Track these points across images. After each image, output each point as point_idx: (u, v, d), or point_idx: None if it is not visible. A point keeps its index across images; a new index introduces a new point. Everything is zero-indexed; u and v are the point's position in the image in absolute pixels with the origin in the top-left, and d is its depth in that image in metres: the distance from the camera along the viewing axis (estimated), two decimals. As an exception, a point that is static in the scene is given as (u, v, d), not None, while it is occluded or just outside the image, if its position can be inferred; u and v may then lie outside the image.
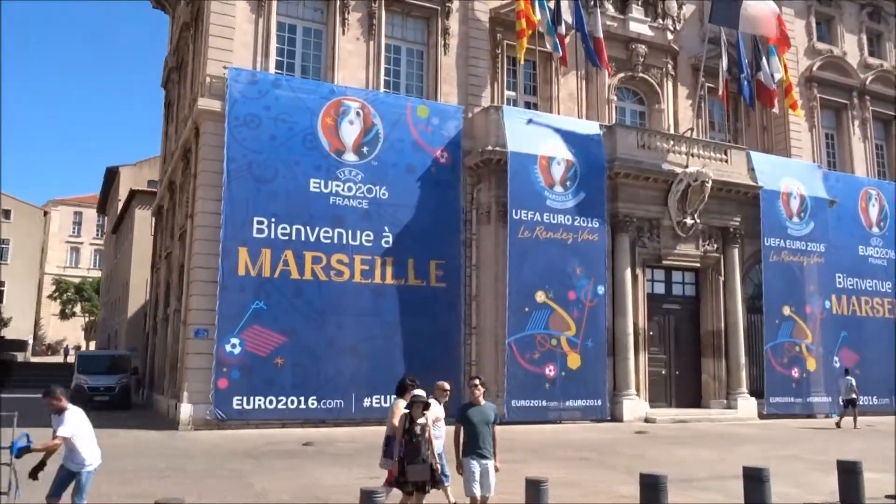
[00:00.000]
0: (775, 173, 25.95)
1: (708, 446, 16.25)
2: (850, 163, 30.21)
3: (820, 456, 14.45)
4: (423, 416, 8.10)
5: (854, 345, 27.68)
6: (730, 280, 24.73)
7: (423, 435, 7.93)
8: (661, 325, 24.21)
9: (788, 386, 24.85)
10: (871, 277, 28.73)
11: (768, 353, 24.66)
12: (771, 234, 25.30)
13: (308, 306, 19.41)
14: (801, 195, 26.14)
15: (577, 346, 21.47)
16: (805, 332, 25.54)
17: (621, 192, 23.10)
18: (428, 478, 7.96)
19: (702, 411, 23.30)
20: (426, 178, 21.35)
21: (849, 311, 27.92)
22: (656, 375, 23.77)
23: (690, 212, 23.71)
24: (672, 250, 23.90)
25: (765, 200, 25.25)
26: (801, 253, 25.89)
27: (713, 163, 24.68)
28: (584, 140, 22.66)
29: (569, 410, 21.22)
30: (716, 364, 24.29)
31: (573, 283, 21.70)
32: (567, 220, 21.83)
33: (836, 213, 27.99)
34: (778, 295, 25.18)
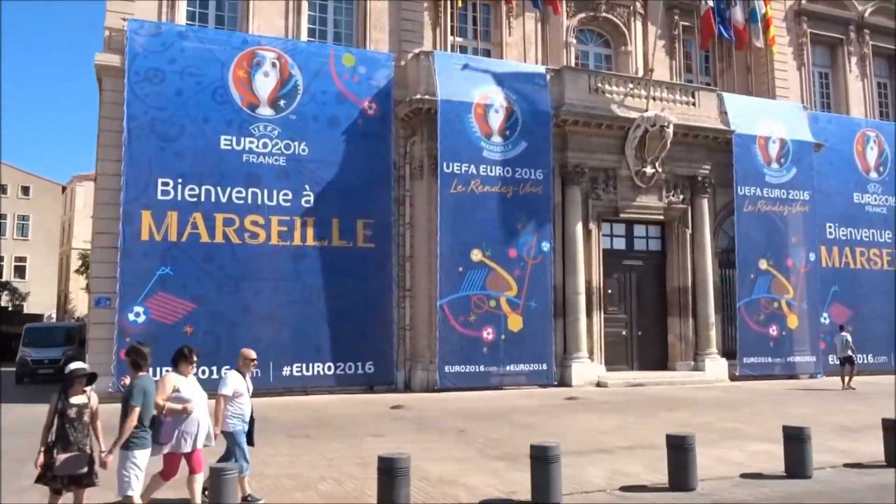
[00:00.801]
0: (752, 116, 23.79)
1: (634, 413, 14.72)
2: (845, 103, 27.70)
3: (755, 422, 12.83)
4: (82, 395, 6.78)
5: (847, 299, 25.57)
6: (698, 233, 22.85)
7: (79, 418, 6.62)
8: (622, 282, 22.54)
9: (765, 345, 22.99)
10: (868, 227, 26.44)
11: (742, 311, 22.81)
12: (745, 183, 23.26)
13: (220, 271, 18.34)
14: (781, 139, 23.94)
15: (518, 307, 20.00)
16: (785, 287, 23.56)
17: (571, 140, 21.35)
18: (84, 470, 6.61)
19: (664, 374, 21.69)
20: (352, 131, 19.95)
21: (841, 264, 25.75)
22: (615, 337, 22.18)
23: (650, 160, 21.83)
24: (631, 202, 22.11)
25: (738, 146, 23.18)
26: (781, 202, 23.79)
27: (678, 106, 22.68)
28: (528, 85, 20.91)
29: (512, 376, 19.85)
30: (682, 323, 22.57)
31: (514, 240, 20.16)
32: (507, 172, 20.23)
33: (826, 157, 25.71)
34: (754, 247, 23.21)
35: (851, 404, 16.49)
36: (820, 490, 8.13)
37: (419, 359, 19.77)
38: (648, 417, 13.83)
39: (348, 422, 13.19)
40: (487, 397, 17.77)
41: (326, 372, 18.97)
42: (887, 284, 26.41)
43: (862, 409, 15.37)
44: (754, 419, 13.41)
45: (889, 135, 27.22)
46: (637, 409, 15.22)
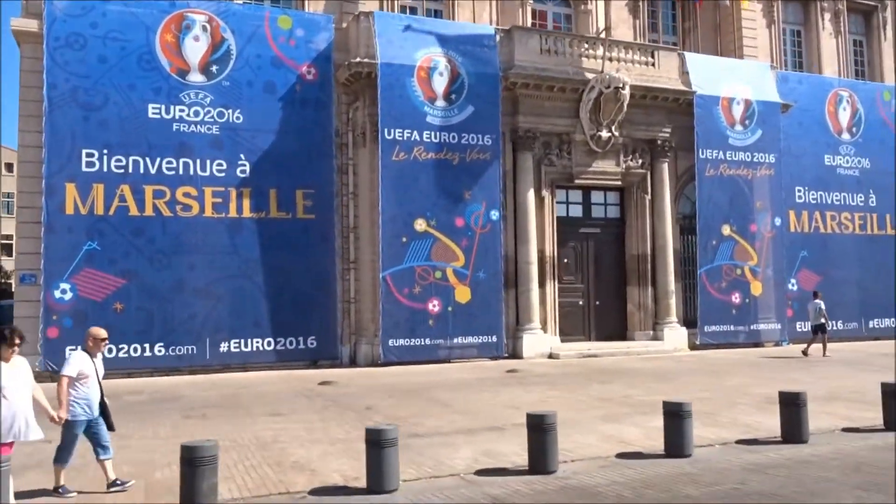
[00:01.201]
0: (715, 77, 22.88)
1: (565, 386, 14.10)
2: (818, 62, 26.74)
3: (683, 394, 12.17)
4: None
5: (816, 265, 24.89)
6: (658, 198, 22.09)
7: None
8: (579, 251, 21.84)
9: (727, 313, 22.37)
10: (840, 190, 25.66)
11: (703, 278, 22.15)
12: (707, 146, 22.45)
13: (151, 245, 17.67)
14: (746, 100, 23.06)
15: (466, 278, 19.35)
16: (749, 254, 22.86)
17: (522, 104, 20.51)
18: None
19: (621, 344, 21.07)
20: (290, 97, 19.14)
21: (810, 229, 25.02)
22: (572, 307, 21.55)
23: (606, 124, 21.00)
24: (587, 168, 21.32)
25: (700, 107, 22.32)
26: (745, 165, 22.99)
27: (636, 67, 21.79)
28: (475, 47, 20.02)
29: (461, 348, 19.27)
30: (641, 292, 21.91)
31: (461, 208, 19.44)
32: (452, 137, 19.43)
33: (796, 118, 24.86)
34: (716, 213, 22.48)
35: (798, 373, 15.90)
36: (689, 472, 7.51)
37: (364, 333, 19.18)
38: (575, 391, 13.23)
39: (258, 400, 12.61)
40: (429, 371, 17.20)
41: (266, 347, 18.38)
42: (859, 249, 25.72)
43: (805, 378, 14.76)
44: (684, 390, 12.80)
45: (864, 95, 26.32)
46: (571, 382, 14.63)
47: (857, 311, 25.33)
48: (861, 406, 10.93)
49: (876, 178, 26.25)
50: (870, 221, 26.01)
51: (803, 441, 8.54)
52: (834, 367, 17.13)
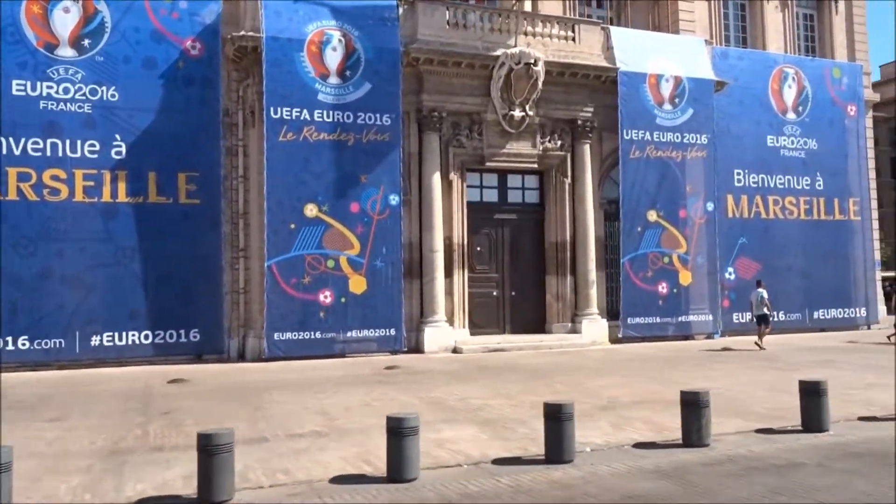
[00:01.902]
0: (643, 52, 21.57)
1: (418, 387, 12.89)
2: (762, 37, 25.33)
3: (558, 394, 11.05)
4: None
5: (756, 253, 23.65)
6: (579, 182, 20.85)
7: None
8: (493, 238, 20.64)
9: (653, 304, 21.18)
10: (784, 173, 24.37)
11: (626, 267, 20.94)
12: (633, 126, 21.17)
13: (14, 231, 16.56)
14: (676, 77, 21.73)
15: (362, 267, 18.19)
16: (677, 241, 21.64)
17: (427, 81, 19.27)
18: None
19: (535, 338, 19.91)
20: (172, 74, 17.94)
21: (750, 214, 23.77)
22: (485, 297, 20.39)
23: (520, 102, 19.73)
24: (500, 150, 20.08)
25: (624, 85, 21.02)
26: (675, 146, 21.70)
27: (554, 42, 20.50)
28: (375, 20, 18.72)
29: (358, 342, 18.14)
30: (560, 282, 20.73)
31: (357, 193, 18.26)
32: (347, 117, 18.21)
33: (736, 97, 23.57)
34: (641, 197, 21.23)
35: (699, 370, 14.71)
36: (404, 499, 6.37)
37: (253, 325, 18.07)
38: (425, 391, 12.08)
39: (65, 401, 11.50)
40: (307, 368, 16.05)
41: (144, 341, 17.30)
42: (804, 236, 24.46)
43: (696, 374, 13.60)
44: (537, 391, 11.63)
45: (811, 72, 24.98)
46: (436, 381, 13.47)
47: (801, 301, 24.12)
48: (668, 414, 9.62)
49: (824, 160, 24.95)
50: (816, 206, 24.72)
51: (566, 461, 7.36)
52: (750, 364, 15.93)
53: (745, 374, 14.18)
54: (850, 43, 26.39)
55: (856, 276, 25.24)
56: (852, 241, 25.27)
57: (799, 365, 15.32)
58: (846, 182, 25.33)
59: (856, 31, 26.42)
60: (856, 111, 25.59)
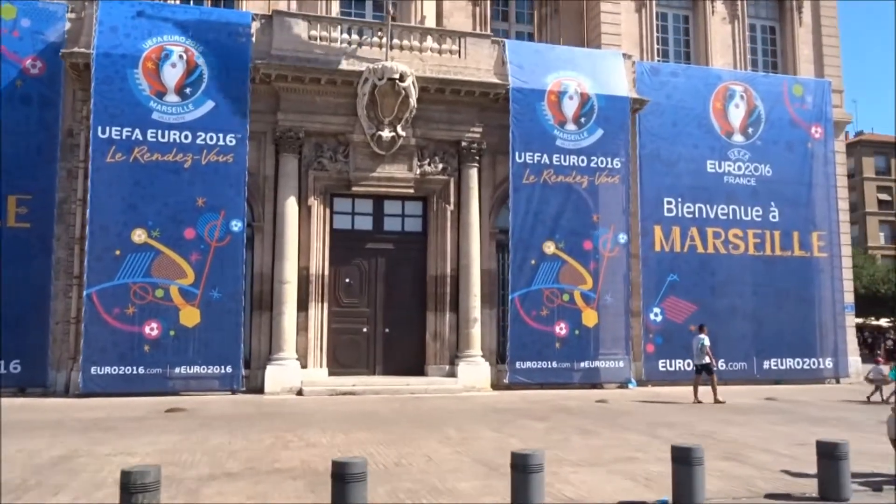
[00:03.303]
0: (544, 67, 19.56)
1: (138, 435, 11.29)
2: (705, 52, 22.73)
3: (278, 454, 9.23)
4: None
5: (689, 292, 20.86)
6: (464, 209, 18.88)
7: None
8: (366, 270, 18.83)
9: (548, 346, 18.81)
10: (727, 202, 21.55)
11: (516, 304, 18.70)
12: (528, 148, 19.10)
13: None
14: (582, 94, 19.55)
15: (195, 297, 16.78)
16: (581, 276, 19.24)
17: (285, 100, 17.90)
18: None
19: (401, 380, 17.84)
20: (9, 94, 17.20)
21: (684, 248, 21.03)
22: (353, 334, 18.55)
23: (389, 122, 18.05)
24: (369, 173, 18.40)
25: (518, 102, 19.04)
26: (579, 171, 19.44)
27: (434, 56, 18.79)
28: (225, 34, 17.57)
29: (192, 379, 16.66)
30: (438, 319, 18.68)
31: (193, 218, 16.93)
32: (185, 137, 17.01)
33: (669, 117, 21.14)
34: (536, 227, 19.04)
35: (496, 430, 12.41)
36: None
37: (80, 358, 16.84)
38: (130, 441, 10.41)
39: None
40: (118, 405, 14.65)
41: (-40, 372, 16.34)
42: (754, 273, 21.48)
43: (509, 433, 11.35)
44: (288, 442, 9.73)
45: (765, 89, 22.20)
46: (200, 427, 11.78)
47: (746, 348, 21.07)
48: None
49: (781, 188, 21.97)
50: (769, 240, 21.70)
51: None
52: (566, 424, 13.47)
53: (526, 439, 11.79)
54: (819, 57, 23.40)
55: (821, 322, 21.94)
56: (816, 281, 22.03)
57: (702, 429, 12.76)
58: (809, 213, 22.21)
59: (825, 43, 23.42)
60: (822, 133, 22.52)
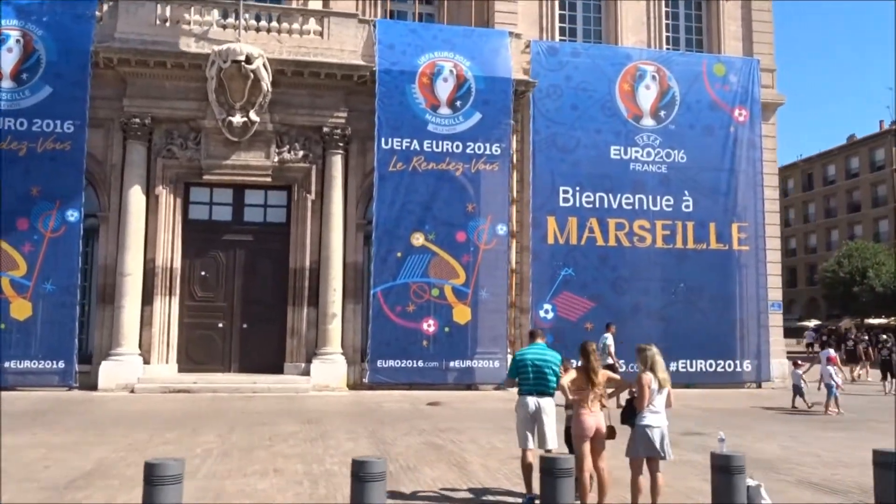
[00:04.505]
0: (417, 48, 18.38)
1: None
2: (615, 30, 21.10)
3: None
4: None
5: (586, 287, 19.37)
6: (326, 199, 17.87)
7: None
8: (223, 262, 17.99)
9: (415, 345, 17.64)
10: (633, 191, 19.94)
11: (379, 299, 17.59)
12: (396, 133, 17.97)
13: None
14: (458, 76, 18.31)
15: (27, 290, 16.23)
16: (453, 270, 18.05)
17: (132, 85, 17.23)
18: None
19: (247, 378, 16.91)
20: None
21: (581, 240, 19.52)
22: (208, 330, 17.73)
23: (241, 106, 17.18)
24: (222, 161, 17.57)
25: (385, 85, 17.93)
26: (454, 158, 18.20)
27: (295, 37, 17.82)
28: (65, 17, 16.97)
29: (27, 374, 16.11)
30: (296, 315, 17.71)
31: (27, 208, 16.38)
32: (20, 124, 16.50)
33: (567, 100, 19.70)
34: (404, 217, 17.89)
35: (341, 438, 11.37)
36: None
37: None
38: None
39: None
40: None
41: None
42: (663, 268, 19.84)
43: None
44: None
45: (681, 69, 20.52)
46: None
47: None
48: None
49: (696, 175, 20.25)
50: (680, 232, 19.99)
51: None
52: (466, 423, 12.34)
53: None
54: (748, 33, 21.48)
55: (743, 321, 20.10)
56: (737, 277, 20.20)
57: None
58: (730, 203, 20.38)
59: (755, 18, 21.49)
60: (747, 116, 20.65)
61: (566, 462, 5.95)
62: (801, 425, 13.52)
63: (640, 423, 6.65)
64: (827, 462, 9.77)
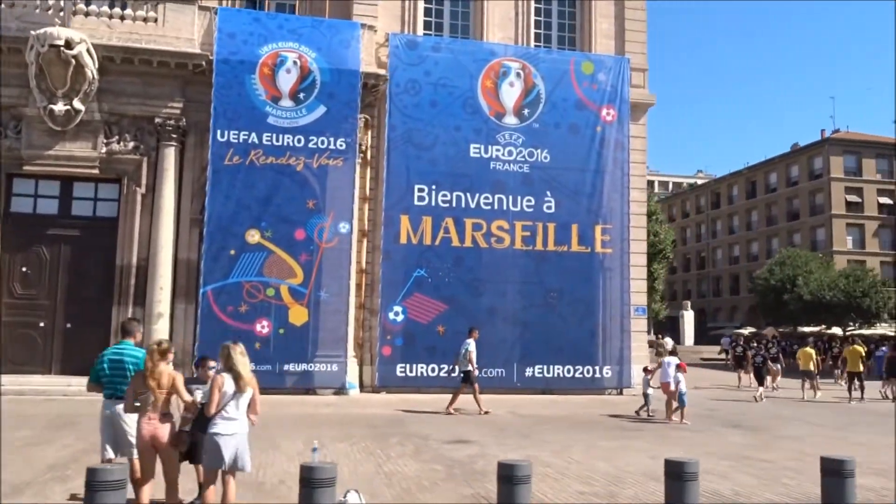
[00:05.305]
0: (262, 37, 17.65)
1: None
2: (481, 26, 20.54)
3: None
4: None
5: (440, 290, 18.75)
6: (157, 193, 17.07)
7: None
8: (47, 258, 17.10)
9: (247, 347, 16.66)
10: (493, 190, 19.37)
11: (209, 298, 16.81)
12: (233, 125, 17.26)
13: None
14: (303, 67, 17.63)
15: None
16: (290, 269, 17.28)
17: (-52, 69, 16.30)
18: None
19: (65, 380, 15.95)
20: None
21: (435, 240, 18.89)
22: (29, 329, 16.83)
23: (64, 94, 16.35)
24: (44, 151, 16.71)
25: (222, 75, 17.21)
26: (295, 152, 17.51)
27: (128, 23, 17.02)
28: None
29: None
30: (121, 314, 16.80)
31: None
32: None
33: (426, 96, 19.13)
34: (239, 213, 17.17)
35: None
36: None
37: None
38: None
39: None
40: None
41: None
42: (522, 270, 19.28)
43: None
44: None
45: (548, 66, 20.02)
46: None
47: (507, 354, 18.84)
48: None
49: (560, 176, 19.73)
50: (541, 233, 19.45)
51: None
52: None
53: None
54: (620, 31, 21.03)
55: (605, 326, 19.60)
56: (599, 281, 19.70)
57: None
58: (594, 204, 19.88)
59: (628, 16, 21.05)
60: (615, 116, 20.19)
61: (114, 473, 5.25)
62: (616, 434, 12.88)
63: (210, 432, 5.98)
64: (578, 473, 9.14)
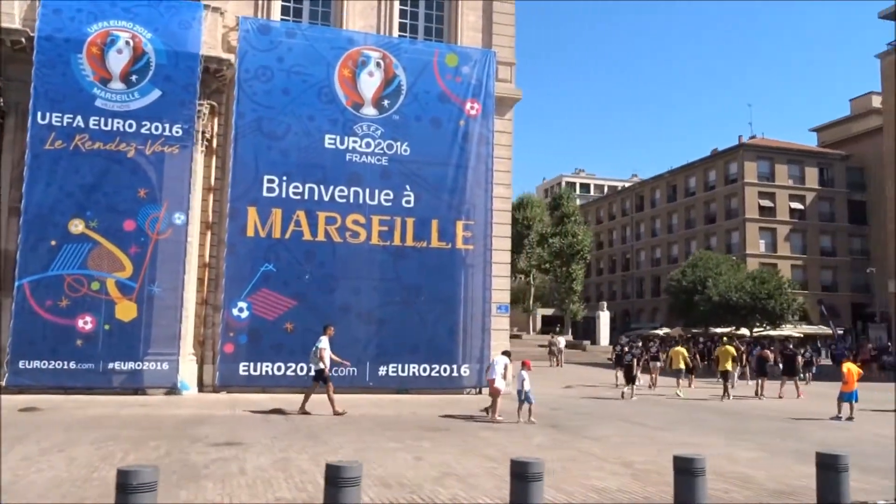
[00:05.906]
0: (93, 14, 16.60)
1: None
2: (341, 14, 19.81)
3: None
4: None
5: (289, 286, 17.93)
6: (-29, 178, 15.85)
7: None
8: None
9: (68, 344, 15.79)
10: (349, 183, 18.64)
11: (25, 291, 15.66)
12: (56, 108, 16.16)
13: None
14: (136, 47, 16.61)
15: None
16: (118, 261, 16.25)
17: None
18: None
19: None
20: None
21: (286, 233, 18.07)
22: None
23: None
24: None
25: (44, 53, 16.11)
26: (125, 137, 16.49)
27: (-63, -6, 15.76)
28: None
29: None
30: (-73, 308, 15.60)
31: None
32: None
33: (279, 83, 18.30)
34: (61, 201, 16.11)
35: None
36: None
37: None
38: None
39: None
40: None
41: None
42: (379, 266, 18.57)
43: None
44: None
45: (410, 57, 19.38)
46: None
47: (360, 352, 18.07)
48: None
49: (420, 169, 19.11)
50: (399, 228, 18.80)
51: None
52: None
53: None
54: (488, 25, 20.57)
55: (465, 324, 19.05)
56: (460, 278, 19.15)
57: None
58: (456, 200, 19.33)
59: (496, 9, 20.61)
60: (479, 110, 19.68)
61: None
62: (422, 434, 12.24)
63: None
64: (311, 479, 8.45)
